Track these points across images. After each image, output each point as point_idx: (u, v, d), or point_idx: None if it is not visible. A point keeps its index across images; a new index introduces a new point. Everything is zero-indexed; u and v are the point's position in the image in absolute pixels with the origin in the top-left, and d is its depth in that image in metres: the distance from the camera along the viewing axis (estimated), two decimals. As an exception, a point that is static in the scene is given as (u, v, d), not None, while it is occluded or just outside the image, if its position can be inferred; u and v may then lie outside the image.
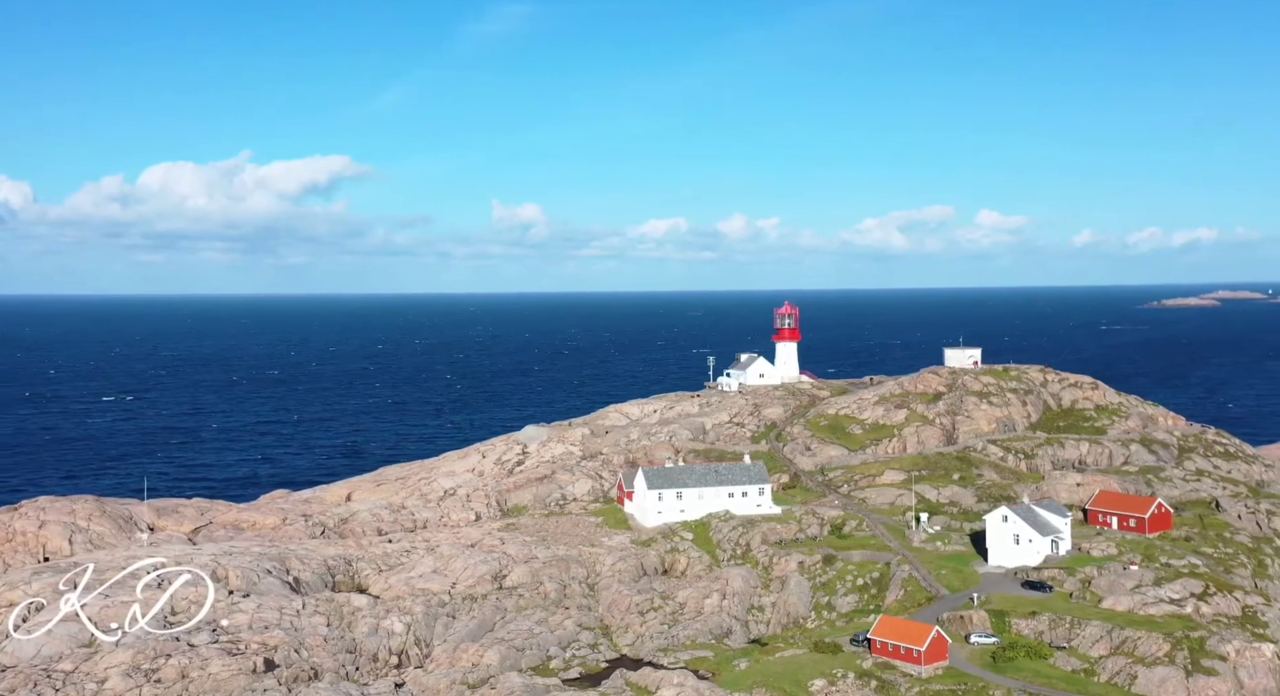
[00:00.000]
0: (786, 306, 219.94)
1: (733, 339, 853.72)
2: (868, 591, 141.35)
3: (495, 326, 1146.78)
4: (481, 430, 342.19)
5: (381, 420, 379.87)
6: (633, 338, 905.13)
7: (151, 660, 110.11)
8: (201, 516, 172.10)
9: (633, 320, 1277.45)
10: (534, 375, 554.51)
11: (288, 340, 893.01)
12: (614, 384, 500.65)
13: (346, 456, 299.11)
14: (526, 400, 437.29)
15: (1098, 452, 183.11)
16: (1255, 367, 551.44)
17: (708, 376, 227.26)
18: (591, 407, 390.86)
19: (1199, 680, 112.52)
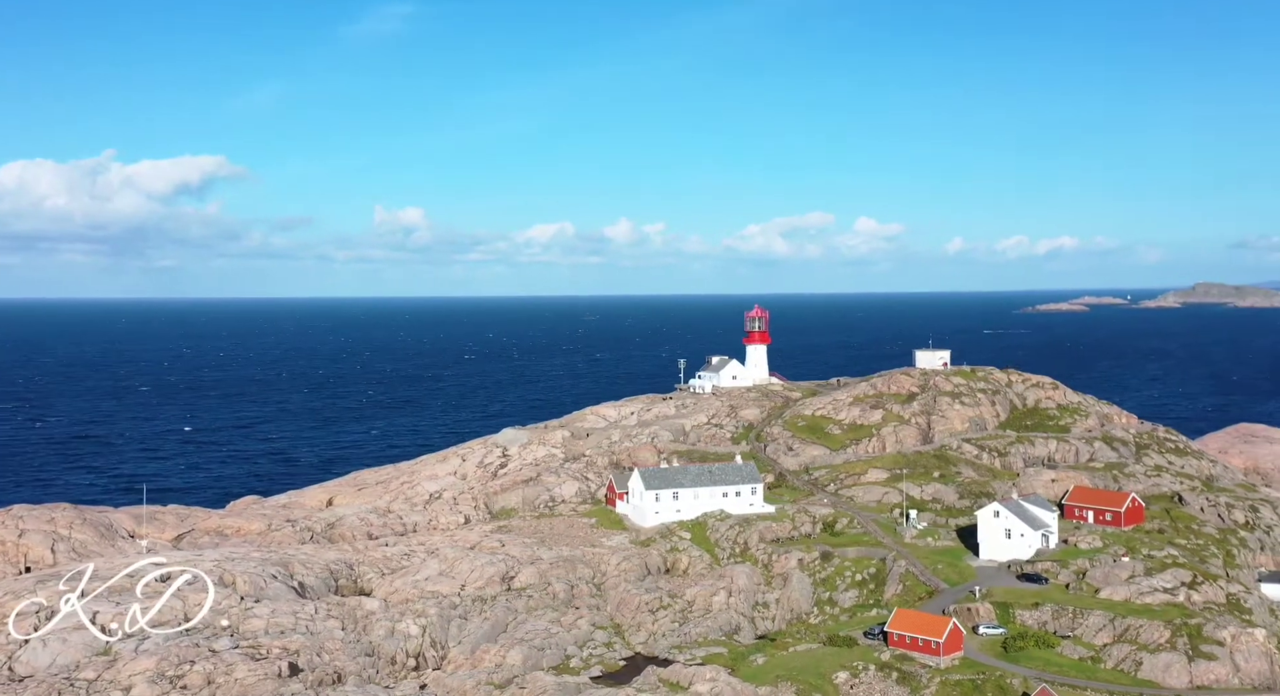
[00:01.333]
0: (757, 309, 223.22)
1: (633, 343, 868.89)
2: (866, 586, 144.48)
3: (386, 331, 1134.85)
4: (413, 435, 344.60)
5: (306, 426, 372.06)
6: (534, 342, 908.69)
7: (176, 666, 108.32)
8: (182, 523, 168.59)
9: (529, 324, 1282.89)
10: (445, 380, 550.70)
11: (175, 345, 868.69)
12: (533, 389, 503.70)
13: (280, 464, 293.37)
14: (449, 404, 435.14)
15: (1065, 450, 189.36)
16: (1138, 369, 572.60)
17: (679, 379, 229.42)
18: (521, 411, 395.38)
19: (1200, 665, 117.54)
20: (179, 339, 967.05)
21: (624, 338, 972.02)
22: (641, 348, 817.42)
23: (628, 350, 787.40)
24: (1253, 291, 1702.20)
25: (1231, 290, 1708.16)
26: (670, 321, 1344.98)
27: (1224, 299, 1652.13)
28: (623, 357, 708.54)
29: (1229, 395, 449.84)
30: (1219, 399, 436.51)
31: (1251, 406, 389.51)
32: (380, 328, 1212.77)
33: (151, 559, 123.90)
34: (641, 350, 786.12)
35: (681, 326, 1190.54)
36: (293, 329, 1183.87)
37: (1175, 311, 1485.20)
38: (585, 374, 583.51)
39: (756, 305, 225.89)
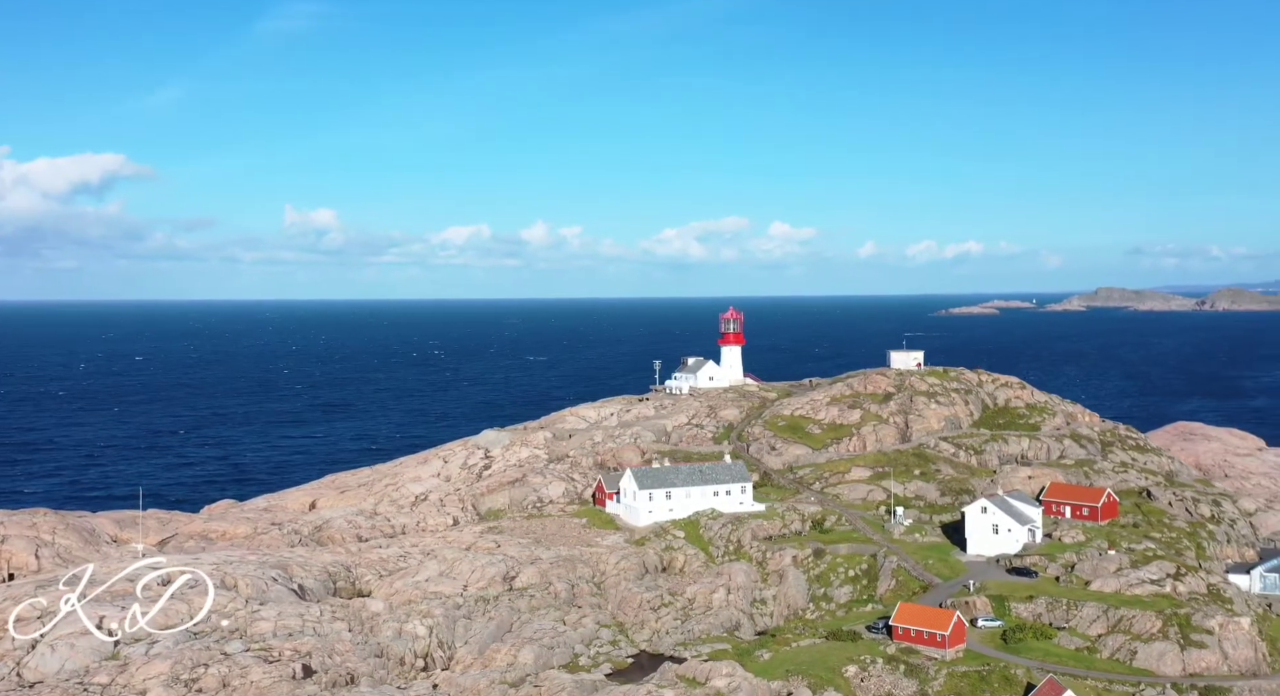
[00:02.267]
0: (731, 311, 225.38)
1: (560, 345, 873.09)
2: (859, 582, 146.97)
3: (305, 334, 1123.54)
4: (360, 440, 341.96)
5: (247, 431, 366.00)
6: (461, 344, 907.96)
7: (190, 669, 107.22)
8: (164, 527, 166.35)
9: (449, 327, 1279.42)
10: (379, 382, 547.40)
11: (87, 348, 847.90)
12: (474, 390, 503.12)
13: (230, 469, 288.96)
14: (387, 407, 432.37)
15: (1037, 448, 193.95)
16: (1056, 371, 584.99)
17: (653, 380, 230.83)
18: (465, 413, 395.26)
19: (1192, 653, 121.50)
20: (89, 342, 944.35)
21: (550, 340, 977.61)
22: (569, 350, 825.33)
23: (557, 353, 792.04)
24: (1151, 295, 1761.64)
25: (1131, 294, 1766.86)
26: (591, 324, 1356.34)
27: (1124, 303, 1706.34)
28: (557, 360, 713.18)
29: (1148, 395, 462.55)
30: (1140, 399, 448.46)
31: (1171, 406, 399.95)
32: (298, 331, 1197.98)
33: (150, 560, 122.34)
34: (569, 353, 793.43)
35: (602, 329, 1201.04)
36: (206, 332, 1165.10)
37: (1080, 314, 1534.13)
38: (521, 377, 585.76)
39: (731, 307, 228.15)
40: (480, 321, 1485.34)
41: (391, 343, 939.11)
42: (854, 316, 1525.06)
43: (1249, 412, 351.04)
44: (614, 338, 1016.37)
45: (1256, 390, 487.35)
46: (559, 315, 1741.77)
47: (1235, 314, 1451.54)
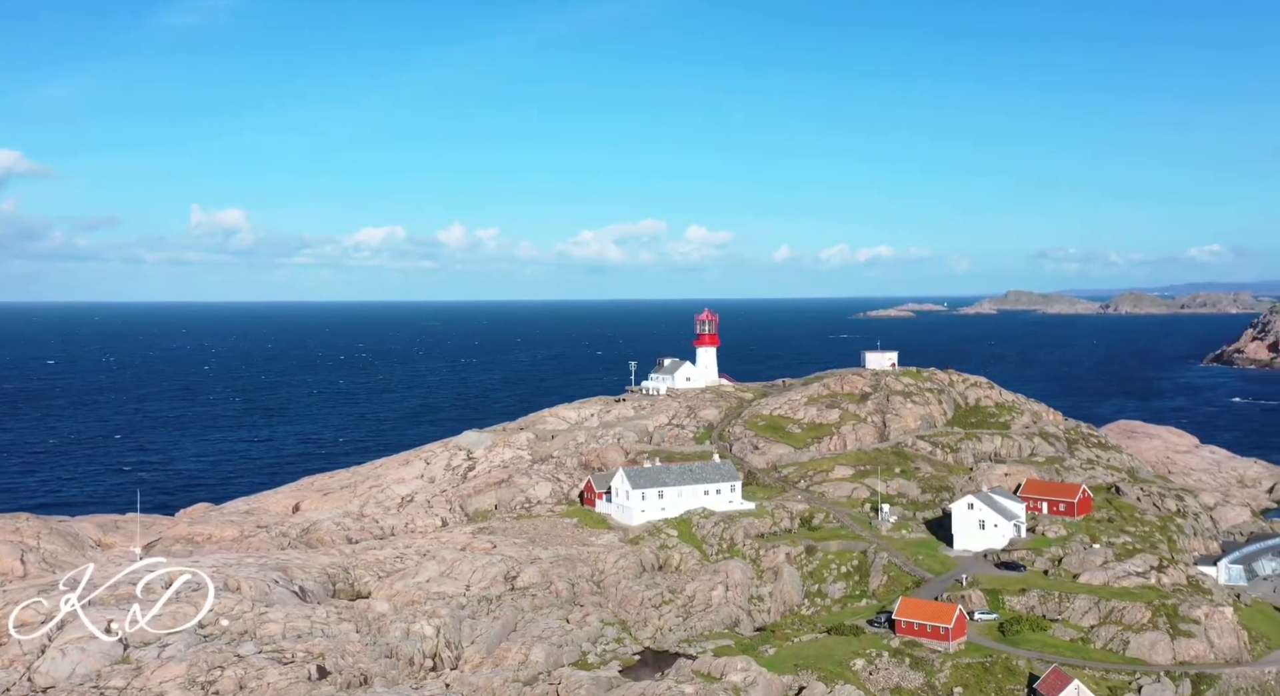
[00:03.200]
0: (706, 313, 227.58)
1: (484, 348, 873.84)
2: (851, 578, 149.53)
3: (220, 336, 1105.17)
4: (308, 443, 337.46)
5: (183, 435, 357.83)
6: (388, 347, 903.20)
7: (206, 672, 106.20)
8: (148, 531, 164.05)
9: (369, 329, 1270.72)
10: (308, 385, 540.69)
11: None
12: (410, 393, 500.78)
13: (171, 475, 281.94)
14: (325, 410, 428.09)
15: (1009, 445, 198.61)
16: (981, 373, 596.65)
17: (624, 381, 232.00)
18: (405, 417, 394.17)
19: (1181, 642, 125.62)
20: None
21: (476, 342, 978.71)
22: (498, 352, 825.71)
23: (485, 355, 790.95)
24: (1058, 299, 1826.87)
25: (1039, 298, 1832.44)
26: (513, 326, 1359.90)
27: (1032, 306, 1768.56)
28: (488, 363, 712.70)
29: (1072, 396, 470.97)
30: (1066, 401, 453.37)
31: (1096, 406, 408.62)
32: (212, 333, 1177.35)
33: (150, 561, 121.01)
34: (499, 355, 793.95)
35: (527, 331, 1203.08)
36: (116, 334, 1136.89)
37: (992, 317, 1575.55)
38: (454, 379, 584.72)
39: (706, 309, 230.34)
40: (399, 323, 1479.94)
41: (312, 345, 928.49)
42: (777, 319, 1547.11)
43: (1170, 412, 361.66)
44: (540, 339, 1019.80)
45: (1173, 390, 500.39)
46: (479, 317, 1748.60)
47: (1137, 317, 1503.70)
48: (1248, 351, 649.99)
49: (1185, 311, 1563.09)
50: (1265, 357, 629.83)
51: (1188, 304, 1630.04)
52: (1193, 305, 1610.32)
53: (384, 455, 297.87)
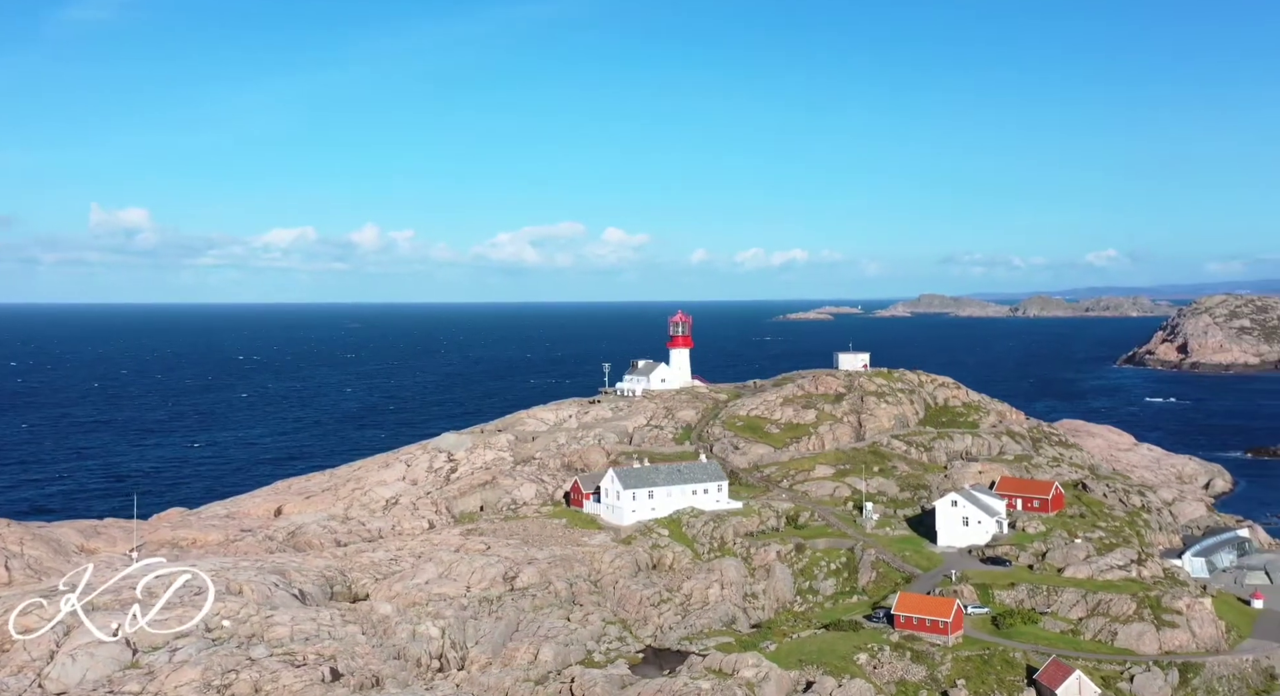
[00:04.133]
0: (680, 315, 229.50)
1: (410, 351, 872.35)
2: (841, 574, 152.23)
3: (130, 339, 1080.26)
4: (251, 448, 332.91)
5: (117, 441, 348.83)
6: (310, 349, 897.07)
7: (221, 675, 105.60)
8: (129, 536, 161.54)
9: (285, 332, 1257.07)
10: (237, 389, 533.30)
11: None
12: (343, 396, 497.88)
13: (111, 481, 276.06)
14: (264, 415, 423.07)
15: (979, 444, 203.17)
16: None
17: (603, 381, 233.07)
18: (350, 420, 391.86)
19: (1166, 632, 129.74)
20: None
21: (399, 345, 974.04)
22: (427, 355, 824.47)
23: (414, 358, 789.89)
24: (968, 302, 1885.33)
25: (950, 301, 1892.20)
26: (436, 328, 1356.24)
27: (945, 309, 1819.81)
28: (419, 366, 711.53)
29: (1004, 398, 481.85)
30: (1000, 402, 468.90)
31: (1026, 407, 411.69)
32: (120, 335, 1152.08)
33: (148, 561, 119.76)
34: (429, 358, 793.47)
35: (451, 334, 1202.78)
36: (16, 337, 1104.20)
37: (907, 320, 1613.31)
38: (388, 382, 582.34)
39: (680, 311, 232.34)
40: (316, 325, 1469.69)
41: (229, 348, 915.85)
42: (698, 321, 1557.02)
43: (1093, 413, 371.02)
44: (466, 342, 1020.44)
45: (1093, 391, 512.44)
46: (398, 320, 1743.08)
47: (1045, 319, 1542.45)
48: (1158, 353, 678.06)
49: (1089, 314, 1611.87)
50: (1175, 359, 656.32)
51: (1091, 307, 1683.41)
52: (1096, 309, 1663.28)
53: (334, 459, 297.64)
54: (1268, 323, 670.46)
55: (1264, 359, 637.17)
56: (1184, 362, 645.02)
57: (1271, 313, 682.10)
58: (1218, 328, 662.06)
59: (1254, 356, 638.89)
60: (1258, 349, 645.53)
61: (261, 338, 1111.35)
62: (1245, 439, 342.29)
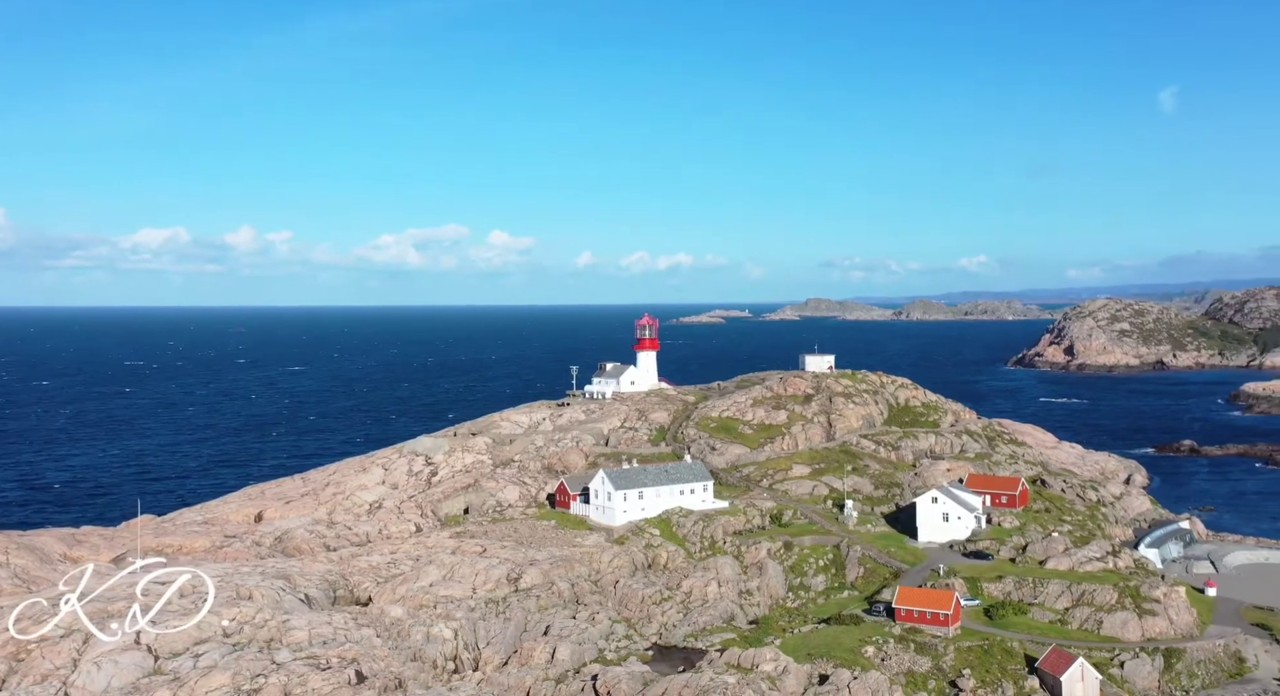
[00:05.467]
0: (646, 318, 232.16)
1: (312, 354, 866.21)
2: (829, 570, 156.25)
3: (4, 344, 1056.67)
4: (177, 455, 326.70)
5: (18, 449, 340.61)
6: (200, 354, 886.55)
7: (251, 680, 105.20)
8: (110, 544, 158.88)
9: (164, 337, 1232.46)
10: (138, 395, 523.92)
11: None
12: (248, 402, 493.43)
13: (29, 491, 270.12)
14: (174, 422, 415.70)
15: (942, 443, 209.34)
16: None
17: (570, 384, 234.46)
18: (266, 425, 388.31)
19: (1147, 620, 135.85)
20: None
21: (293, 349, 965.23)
22: (328, 360, 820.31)
23: (308, 363, 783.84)
24: (854, 306, 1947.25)
25: (836, 305, 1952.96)
26: (327, 332, 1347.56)
27: (831, 312, 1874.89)
28: (319, 370, 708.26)
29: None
30: None
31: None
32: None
33: (148, 561, 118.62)
34: (330, 362, 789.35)
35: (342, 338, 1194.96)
36: None
37: (796, 323, 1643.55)
38: (293, 386, 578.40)
39: (646, 314, 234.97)
40: (197, 330, 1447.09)
41: (109, 353, 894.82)
42: (588, 325, 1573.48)
43: (999, 413, 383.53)
44: (360, 347, 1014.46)
45: (993, 392, 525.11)
46: (280, 323, 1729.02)
47: (928, 323, 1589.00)
48: (1046, 354, 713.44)
49: (968, 318, 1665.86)
50: (1062, 360, 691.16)
51: (970, 311, 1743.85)
52: (974, 312, 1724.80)
53: (268, 465, 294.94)
54: (1145, 326, 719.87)
55: (1143, 360, 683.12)
56: (1071, 364, 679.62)
57: (1148, 316, 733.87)
58: (1101, 331, 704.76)
59: (1134, 358, 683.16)
60: (1137, 351, 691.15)
61: (145, 342, 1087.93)
62: (1145, 437, 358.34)
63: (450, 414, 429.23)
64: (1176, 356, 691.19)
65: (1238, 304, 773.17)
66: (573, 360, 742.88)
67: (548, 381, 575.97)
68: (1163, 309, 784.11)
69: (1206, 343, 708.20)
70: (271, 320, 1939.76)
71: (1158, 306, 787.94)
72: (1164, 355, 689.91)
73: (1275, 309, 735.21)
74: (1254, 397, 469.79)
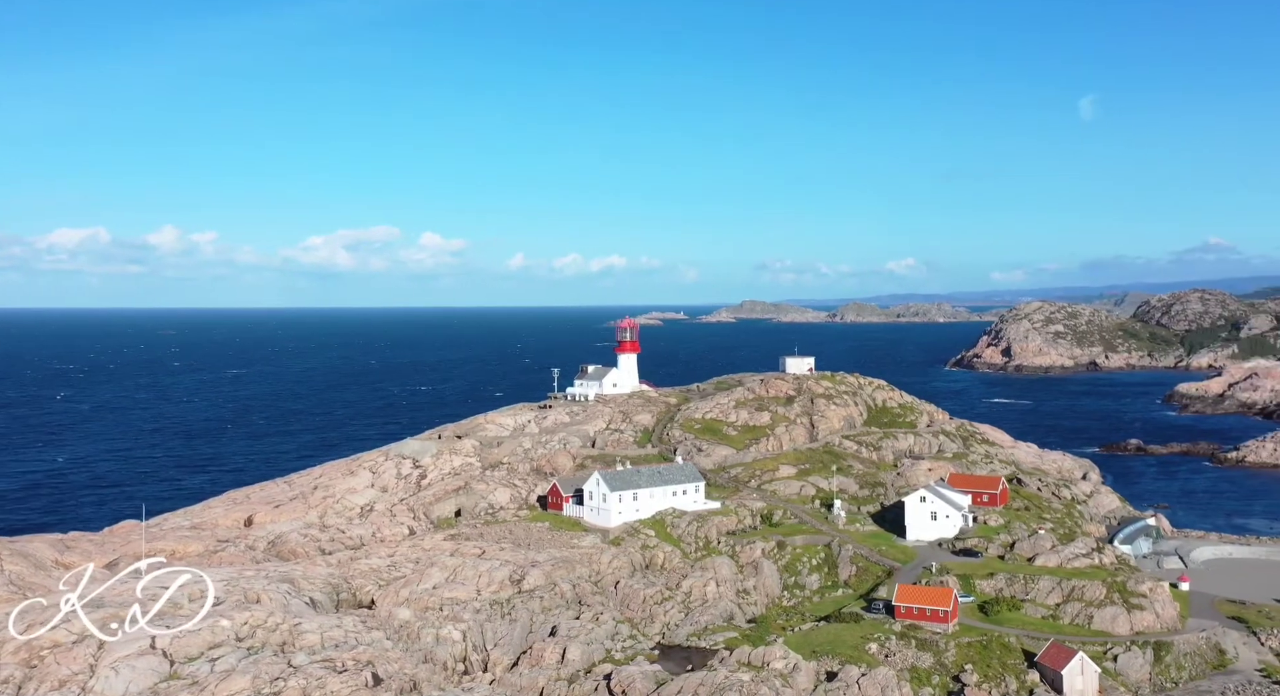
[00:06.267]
0: (627, 320, 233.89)
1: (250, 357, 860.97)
2: (822, 569, 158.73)
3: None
4: (131, 461, 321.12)
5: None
6: (130, 357, 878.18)
7: (270, 683, 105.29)
8: (101, 550, 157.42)
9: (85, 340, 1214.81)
10: (67, 402, 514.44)
11: None
12: (193, 405, 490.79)
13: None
14: (118, 426, 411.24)
15: (921, 443, 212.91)
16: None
17: (552, 386, 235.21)
18: (212, 430, 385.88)
19: (1135, 614, 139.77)
20: None
21: (228, 352, 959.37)
22: (269, 362, 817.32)
23: (246, 366, 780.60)
24: (788, 308, 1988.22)
25: (771, 307, 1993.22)
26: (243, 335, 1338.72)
27: (766, 314, 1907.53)
28: (260, 373, 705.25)
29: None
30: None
31: None
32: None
33: (150, 560, 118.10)
34: (271, 365, 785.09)
35: (279, 341, 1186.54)
36: None
37: (733, 325, 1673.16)
38: (234, 390, 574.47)
39: (626, 317, 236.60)
40: (123, 333, 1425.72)
41: (38, 356, 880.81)
42: (526, 327, 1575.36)
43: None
44: (296, 350, 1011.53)
45: (938, 393, 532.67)
46: (207, 326, 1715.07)
47: (863, 325, 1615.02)
48: (985, 356, 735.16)
49: (901, 320, 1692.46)
50: (1000, 362, 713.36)
51: (902, 313, 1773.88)
52: (907, 314, 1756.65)
53: (229, 469, 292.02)
54: (1078, 328, 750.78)
55: (1077, 361, 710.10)
56: (1009, 365, 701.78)
57: (1080, 319, 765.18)
58: (1036, 333, 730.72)
59: (1069, 359, 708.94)
60: (1071, 352, 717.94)
61: (69, 345, 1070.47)
62: (1089, 436, 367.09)
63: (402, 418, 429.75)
64: (1108, 357, 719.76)
65: (1164, 307, 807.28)
66: (517, 362, 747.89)
67: (497, 384, 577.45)
68: (1094, 311, 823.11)
69: (1136, 344, 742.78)
70: (199, 322, 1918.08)
71: (1089, 308, 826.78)
72: (1096, 356, 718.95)
73: (1200, 311, 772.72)
74: (1188, 398, 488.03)
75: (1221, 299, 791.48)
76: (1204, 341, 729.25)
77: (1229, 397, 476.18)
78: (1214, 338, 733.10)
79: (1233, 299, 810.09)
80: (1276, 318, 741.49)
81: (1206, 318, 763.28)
